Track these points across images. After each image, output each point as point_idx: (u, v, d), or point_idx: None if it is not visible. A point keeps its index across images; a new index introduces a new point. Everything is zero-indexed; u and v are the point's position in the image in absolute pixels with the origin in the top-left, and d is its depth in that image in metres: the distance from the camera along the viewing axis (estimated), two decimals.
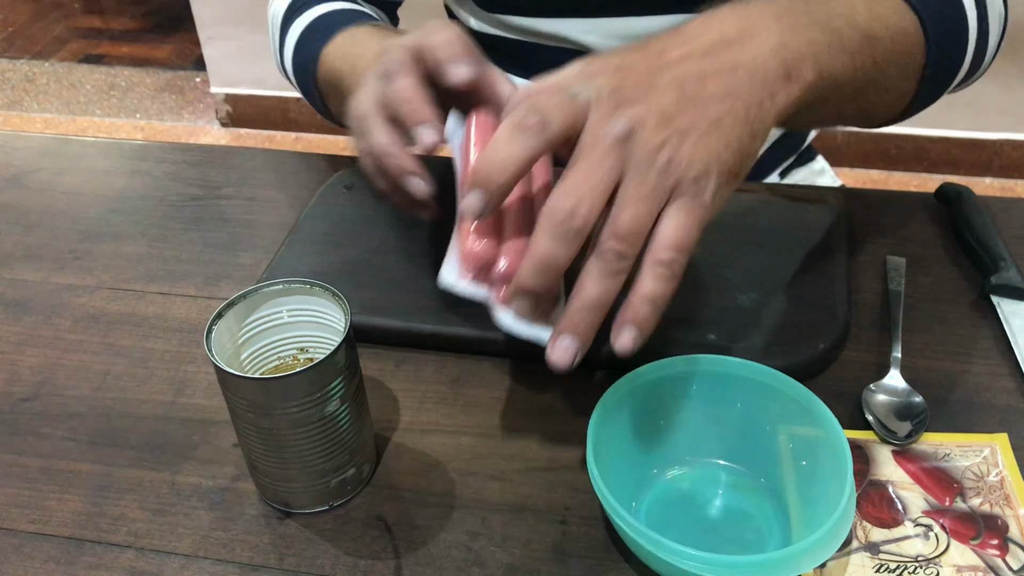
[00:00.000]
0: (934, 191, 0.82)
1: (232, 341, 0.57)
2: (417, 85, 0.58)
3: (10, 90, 2.91)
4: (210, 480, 0.61)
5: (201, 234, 0.82)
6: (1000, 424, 0.62)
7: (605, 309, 0.49)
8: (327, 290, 0.57)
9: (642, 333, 0.50)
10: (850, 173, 2.34)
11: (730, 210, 0.72)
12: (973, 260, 0.74)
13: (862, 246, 0.77)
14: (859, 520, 0.56)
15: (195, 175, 0.90)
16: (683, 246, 0.48)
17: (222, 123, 2.68)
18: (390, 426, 0.64)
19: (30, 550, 0.57)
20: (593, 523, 0.57)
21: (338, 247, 0.76)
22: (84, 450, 0.63)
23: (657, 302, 0.49)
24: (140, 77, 2.95)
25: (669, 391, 0.58)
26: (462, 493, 0.59)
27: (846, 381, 0.65)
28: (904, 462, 0.59)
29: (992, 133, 2.26)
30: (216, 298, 0.75)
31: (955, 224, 0.77)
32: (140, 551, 0.57)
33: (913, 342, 0.68)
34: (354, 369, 0.56)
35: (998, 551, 0.54)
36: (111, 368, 0.69)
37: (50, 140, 0.99)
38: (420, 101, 0.57)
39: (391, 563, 0.55)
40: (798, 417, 0.56)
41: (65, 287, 0.77)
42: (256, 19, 2.45)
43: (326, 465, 0.56)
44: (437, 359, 0.68)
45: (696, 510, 0.58)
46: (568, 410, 0.64)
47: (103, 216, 0.85)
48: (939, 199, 0.81)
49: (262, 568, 0.56)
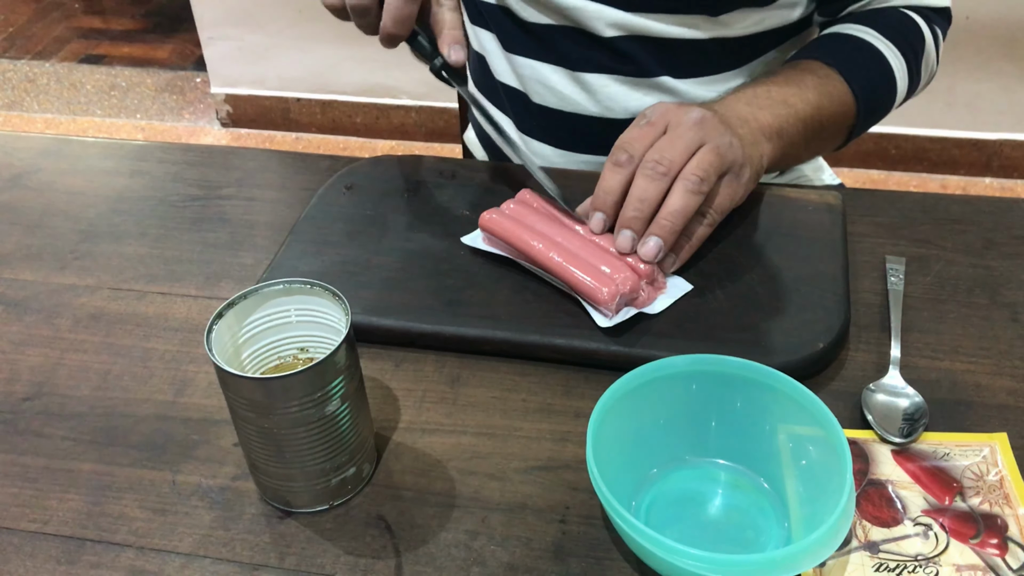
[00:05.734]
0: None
1: (232, 341, 0.57)
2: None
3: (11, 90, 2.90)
4: (210, 479, 0.61)
5: (201, 234, 0.82)
6: (999, 424, 0.62)
7: (654, 205, 0.69)
8: (327, 290, 0.57)
9: (666, 244, 0.68)
10: (850, 173, 2.33)
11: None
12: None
13: (862, 246, 0.77)
14: (859, 519, 0.56)
15: (195, 175, 0.90)
16: (703, 170, 0.68)
17: (222, 123, 2.68)
18: (390, 426, 0.64)
19: (31, 549, 0.57)
20: (593, 523, 0.57)
21: (338, 247, 0.76)
22: (84, 450, 0.63)
23: (677, 216, 0.68)
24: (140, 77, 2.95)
25: (669, 391, 0.58)
26: (462, 493, 0.59)
27: (846, 381, 0.65)
28: (904, 461, 0.59)
29: (991, 133, 2.25)
30: (216, 298, 0.75)
31: None
32: (141, 550, 0.57)
33: (913, 342, 0.68)
34: (354, 369, 0.56)
35: (997, 550, 0.54)
36: (111, 368, 0.69)
37: (51, 140, 0.99)
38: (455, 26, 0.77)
39: (391, 562, 0.55)
40: (798, 417, 0.56)
41: (66, 287, 0.77)
42: (256, 19, 2.44)
43: (326, 464, 0.56)
44: (437, 359, 0.68)
45: (696, 510, 0.58)
46: (568, 410, 0.64)
47: (104, 216, 0.85)
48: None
49: (262, 567, 0.56)
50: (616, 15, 0.85)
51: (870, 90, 0.86)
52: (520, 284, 0.71)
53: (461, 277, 0.73)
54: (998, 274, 0.74)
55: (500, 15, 0.93)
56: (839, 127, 0.87)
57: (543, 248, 0.70)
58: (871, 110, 0.87)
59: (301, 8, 2.39)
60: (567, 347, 0.66)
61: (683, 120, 0.71)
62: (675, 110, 0.73)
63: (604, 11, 0.85)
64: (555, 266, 0.69)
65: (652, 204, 0.68)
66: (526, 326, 0.68)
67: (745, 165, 0.73)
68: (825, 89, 0.83)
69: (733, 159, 0.71)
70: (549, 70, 0.91)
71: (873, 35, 0.87)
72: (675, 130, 0.71)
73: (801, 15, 0.90)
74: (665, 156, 0.69)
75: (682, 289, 0.70)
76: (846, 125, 0.87)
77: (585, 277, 0.67)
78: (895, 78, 0.88)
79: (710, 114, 0.72)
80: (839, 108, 0.85)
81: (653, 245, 0.68)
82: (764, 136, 0.78)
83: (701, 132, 0.71)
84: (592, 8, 0.85)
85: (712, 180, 0.69)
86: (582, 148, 0.94)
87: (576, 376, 0.66)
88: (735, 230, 0.76)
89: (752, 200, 0.78)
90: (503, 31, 0.94)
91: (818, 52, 0.87)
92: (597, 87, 0.90)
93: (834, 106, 0.84)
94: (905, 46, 0.88)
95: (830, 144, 0.90)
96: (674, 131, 0.71)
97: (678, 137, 0.70)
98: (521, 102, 0.95)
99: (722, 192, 0.72)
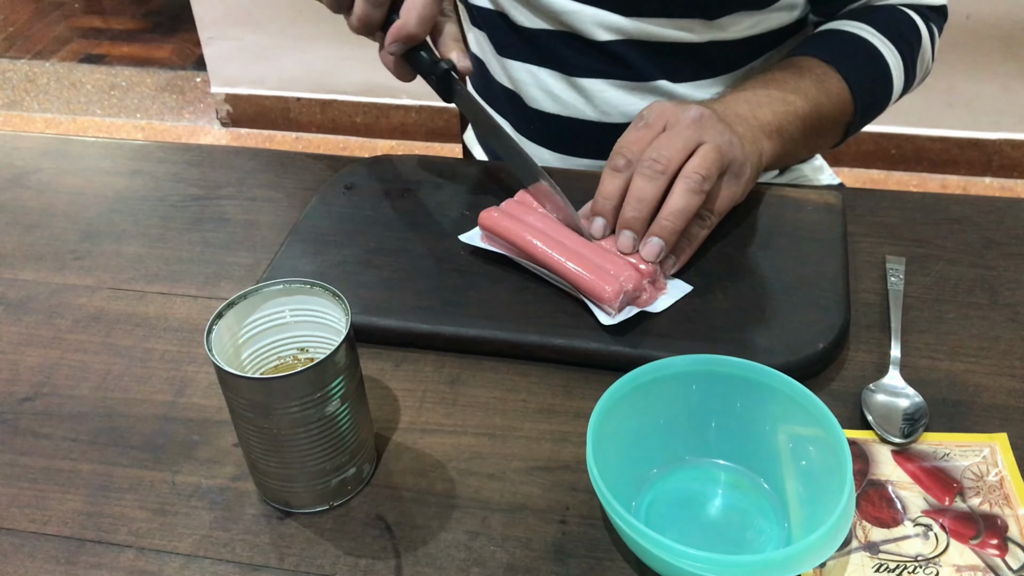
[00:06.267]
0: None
1: (232, 341, 0.57)
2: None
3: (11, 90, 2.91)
4: (210, 480, 0.61)
5: (201, 234, 0.82)
6: (1000, 424, 0.62)
7: (652, 205, 0.69)
8: (327, 290, 0.57)
9: (667, 244, 0.68)
10: (850, 173, 2.33)
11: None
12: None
13: (862, 246, 0.77)
14: (859, 520, 0.56)
15: (195, 175, 0.90)
16: (704, 169, 0.68)
17: (222, 123, 2.68)
18: (390, 426, 0.64)
19: (31, 550, 0.57)
20: (593, 523, 0.57)
21: (338, 247, 0.76)
22: (84, 450, 0.63)
23: (679, 216, 0.68)
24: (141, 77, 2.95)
25: (669, 391, 0.58)
26: (462, 493, 0.59)
27: (846, 381, 0.65)
28: (904, 462, 0.59)
29: (991, 133, 2.25)
30: (216, 298, 0.75)
31: None
32: (140, 551, 0.57)
33: (913, 342, 0.68)
34: (354, 369, 0.56)
35: (997, 551, 0.54)
36: (111, 368, 0.69)
37: (51, 140, 0.99)
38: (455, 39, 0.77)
39: (391, 563, 0.55)
40: (798, 417, 0.56)
41: (66, 287, 0.77)
42: (256, 19, 2.45)
43: (326, 465, 0.56)
44: (437, 359, 0.68)
45: (696, 510, 0.58)
46: (568, 410, 0.64)
47: (104, 216, 0.85)
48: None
49: (262, 568, 0.56)
50: (611, 19, 0.85)
51: (868, 88, 0.87)
52: (520, 284, 0.71)
53: (461, 277, 0.73)
54: (998, 274, 0.74)
55: (495, 20, 0.93)
56: (837, 125, 0.87)
57: (545, 247, 0.70)
58: (868, 107, 0.88)
59: (301, 8, 2.39)
60: (567, 347, 0.66)
61: (681, 119, 0.71)
62: (672, 109, 0.72)
63: (599, 15, 0.85)
64: (557, 265, 0.69)
65: (651, 204, 0.68)
66: (526, 326, 0.68)
67: (745, 163, 0.73)
68: (823, 87, 0.84)
69: (733, 157, 0.71)
70: (545, 74, 0.91)
71: (870, 32, 0.87)
72: (673, 128, 0.71)
73: (798, 16, 0.90)
74: (663, 154, 0.69)
75: (683, 290, 0.70)
76: (844, 123, 0.88)
77: (588, 275, 0.67)
78: (892, 76, 0.88)
79: (708, 112, 0.72)
80: (837, 106, 0.85)
81: (654, 245, 0.68)
82: (764, 134, 0.78)
83: (699, 130, 0.70)
84: (587, 12, 0.85)
85: (714, 178, 0.69)
86: (580, 152, 0.94)
87: (576, 376, 0.66)
88: (735, 230, 0.76)
89: (752, 200, 0.78)
90: (498, 35, 0.94)
91: (815, 49, 0.87)
92: (593, 92, 0.90)
93: (832, 104, 0.84)
94: (902, 43, 0.88)
95: (828, 142, 0.90)
96: (672, 130, 0.71)
97: (676, 135, 0.70)
98: (518, 106, 0.95)
99: (722, 193, 0.72)
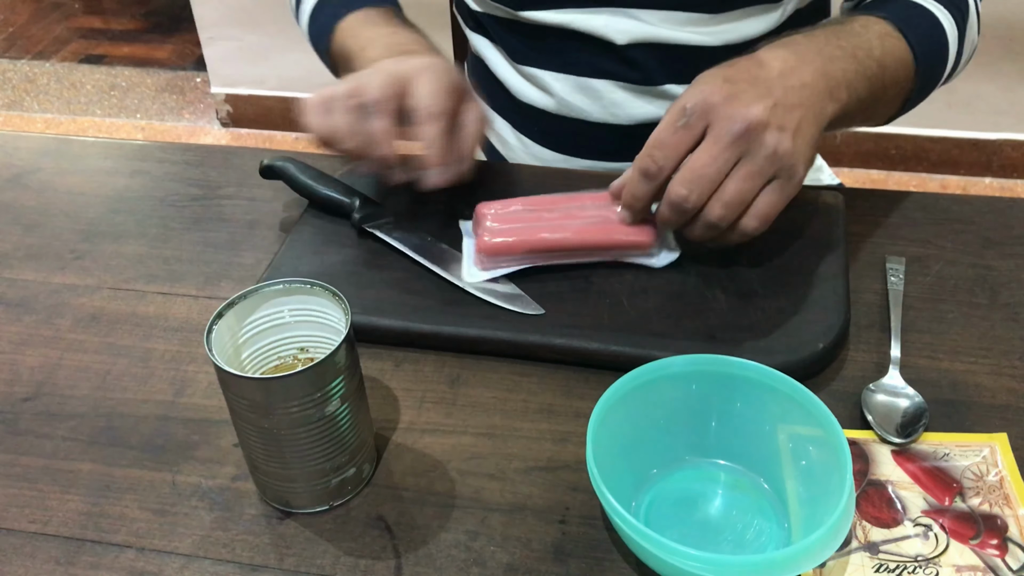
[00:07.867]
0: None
1: (232, 341, 0.57)
2: (442, 132, 0.71)
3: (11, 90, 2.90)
4: (210, 480, 0.61)
5: (201, 234, 0.82)
6: (1000, 424, 0.62)
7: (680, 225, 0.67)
8: (327, 290, 0.57)
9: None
10: (850, 173, 2.33)
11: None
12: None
13: (862, 246, 0.77)
14: (859, 520, 0.56)
15: (195, 175, 0.90)
16: (769, 218, 0.65)
17: (222, 123, 2.68)
18: (390, 426, 0.64)
19: (31, 550, 0.57)
20: (593, 523, 0.57)
21: (338, 247, 0.76)
22: (84, 450, 0.63)
23: (726, 242, 0.67)
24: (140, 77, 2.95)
25: (669, 391, 0.58)
26: (462, 493, 0.59)
27: (846, 381, 0.65)
28: (904, 462, 0.59)
29: (991, 133, 2.25)
30: (216, 298, 0.75)
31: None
32: (140, 551, 0.57)
33: (913, 342, 0.68)
34: (354, 369, 0.56)
35: (997, 551, 0.54)
36: (111, 368, 0.69)
37: (51, 140, 0.99)
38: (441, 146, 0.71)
39: (391, 563, 0.55)
40: (798, 417, 0.56)
41: (66, 287, 0.77)
42: (256, 19, 2.44)
43: (326, 465, 0.56)
44: (437, 359, 0.68)
45: (696, 510, 0.58)
46: (568, 410, 0.64)
47: (103, 216, 0.85)
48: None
49: (262, 568, 0.56)
50: (630, 24, 0.85)
51: (929, 54, 0.78)
52: (520, 284, 0.71)
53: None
54: (998, 274, 0.74)
55: (502, 25, 0.92)
56: (899, 91, 0.78)
57: (567, 232, 0.71)
58: (928, 78, 0.79)
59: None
60: (567, 347, 0.66)
61: (724, 132, 0.63)
62: (719, 109, 0.64)
63: (620, 22, 0.85)
64: (589, 238, 0.71)
65: (679, 225, 0.68)
66: (526, 326, 0.68)
67: (796, 166, 0.65)
68: (886, 47, 0.75)
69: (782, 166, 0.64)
70: (551, 77, 0.91)
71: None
72: (714, 145, 0.63)
73: (812, 20, 0.90)
74: (694, 191, 0.64)
75: (675, 253, 0.73)
76: (905, 89, 0.79)
77: (622, 235, 0.71)
78: (949, 45, 0.80)
79: (757, 120, 0.63)
80: (901, 71, 0.76)
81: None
82: (829, 96, 0.68)
83: (743, 147, 0.63)
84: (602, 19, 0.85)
85: (769, 223, 0.66)
86: (584, 153, 0.94)
87: (576, 376, 0.66)
88: None
89: None
90: (504, 40, 0.94)
91: (874, 8, 0.79)
92: (602, 93, 0.90)
93: (897, 67, 0.76)
94: (955, 11, 0.80)
95: (884, 112, 0.80)
96: (712, 145, 0.63)
97: (712, 160, 0.63)
98: (521, 106, 0.95)
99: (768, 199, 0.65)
